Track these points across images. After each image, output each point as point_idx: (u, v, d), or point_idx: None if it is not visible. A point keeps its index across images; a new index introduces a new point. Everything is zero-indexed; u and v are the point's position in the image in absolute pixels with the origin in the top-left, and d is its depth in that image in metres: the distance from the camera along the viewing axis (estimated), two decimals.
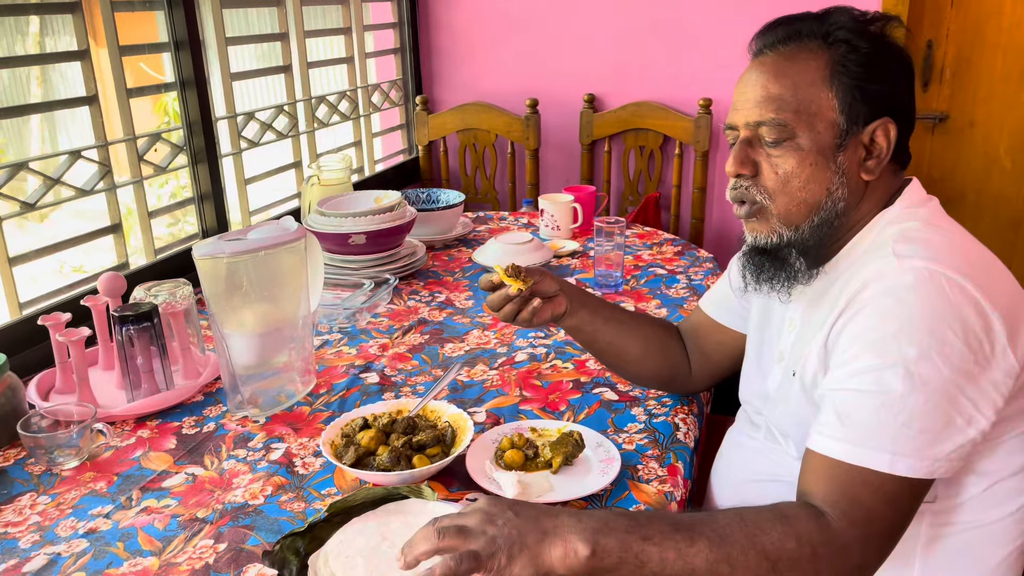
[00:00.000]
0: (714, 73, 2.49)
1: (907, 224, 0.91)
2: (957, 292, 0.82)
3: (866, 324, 0.85)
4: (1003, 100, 2.44)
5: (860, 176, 0.93)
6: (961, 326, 0.81)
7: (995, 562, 0.91)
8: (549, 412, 1.24)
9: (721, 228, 2.64)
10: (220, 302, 1.19)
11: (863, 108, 0.91)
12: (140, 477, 1.11)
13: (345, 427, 1.13)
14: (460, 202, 2.11)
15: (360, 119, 2.60)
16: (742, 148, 0.95)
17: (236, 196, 2.05)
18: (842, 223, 0.95)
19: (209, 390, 1.35)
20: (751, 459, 1.06)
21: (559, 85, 2.68)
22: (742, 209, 0.97)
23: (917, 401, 0.80)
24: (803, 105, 0.91)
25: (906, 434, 0.81)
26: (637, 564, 0.77)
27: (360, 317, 1.61)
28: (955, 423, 0.81)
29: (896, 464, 0.81)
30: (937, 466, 0.81)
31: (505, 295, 1.12)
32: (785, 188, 0.93)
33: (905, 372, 0.81)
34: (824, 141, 0.91)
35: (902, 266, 0.85)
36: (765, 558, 0.78)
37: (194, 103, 1.82)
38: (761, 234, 0.97)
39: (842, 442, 0.83)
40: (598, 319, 1.20)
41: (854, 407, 0.83)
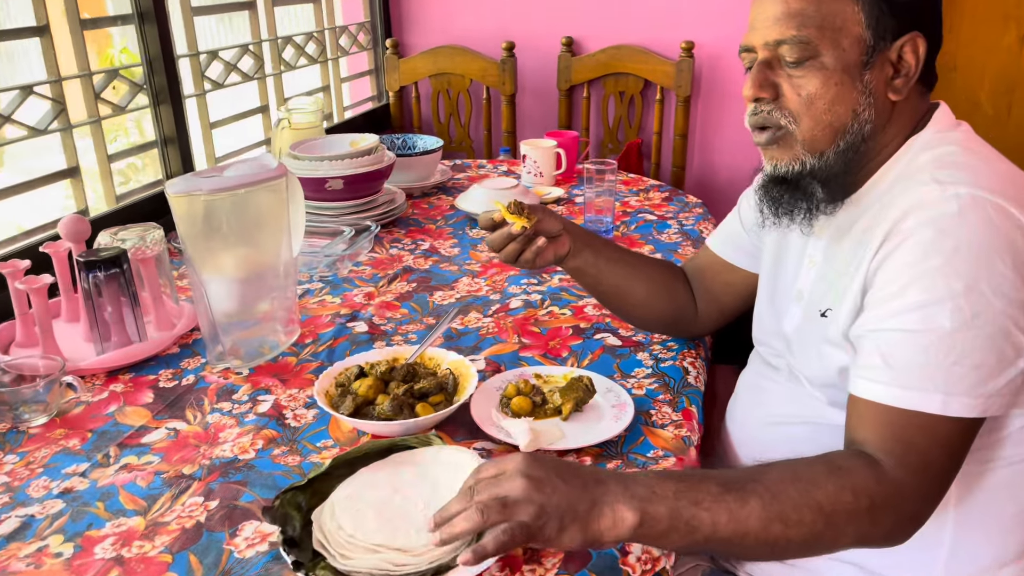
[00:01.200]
0: (697, 15, 2.41)
1: (943, 149, 0.86)
2: (1004, 218, 0.77)
3: (908, 258, 0.80)
4: (985, 44, 2.42)
5: (888, 96, 0.87)
6: (1011, 253, 0.76)
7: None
8: (551, 359, 1.18)
9: (702, 176, 2.59)
10: (198, 244, 1.10)
11: (891, 22, 0.85)
12: (116, 433, 1.02)
13: (339, 376, 1.05)
14: (438, 148, 2.02)
15: (328, 63, 2.47)
16: (761, 70, 0.88)
17: (201, 141, 1.93)
18: (869, 148, 0.89)
19: (185, 342, 1.27)
20: (772, 401, 1.02)
21: (536, 27, 2.58)
22: (763, 136, 0.91)
23: (967, 337, 0.76)
24: (827, 20, 0.84)
25: (958, 372, 0.76)
26: (688, 530, 0.73)
27: (341, 265, 1.52)
28: (1007, 356, 0.77)
29: (950, 404, 0.76)
30: (991, 402, 0.77)
31: (508, 234, 1.05)
32: (809, 110, 0.86)
33: (954, 307, 0.76)
34: (850, 58, 0.85)
35: (945, 193, 0.79)
36: (820, 513, 0.74)
37: (154, 38, 1.69)
38: (782, 162, 0.91)
39: (891, 386, 0.78)
40: (602, 260, 1.13)
41: (901, 348, 0.78)
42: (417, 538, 0.76)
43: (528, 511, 0.70)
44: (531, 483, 0.71)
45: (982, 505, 0.87)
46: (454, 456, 0.86)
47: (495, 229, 1.06)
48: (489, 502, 0.71)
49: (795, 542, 0.75)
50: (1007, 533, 0.89)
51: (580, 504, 0.71)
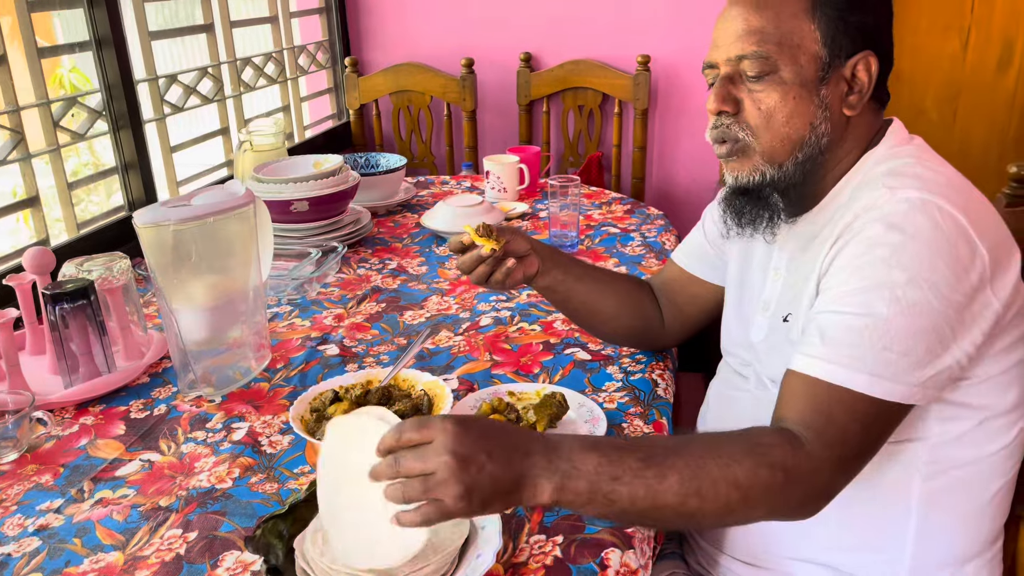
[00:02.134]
0: (652, 29, 2.46)
1: (897, 161, 0.90)
2: (950, 222, 0.82)
3: (856, 250, 0.84)
4: (928, 53, 2.50)
5: (842, 111, 0.92)
6: (951, 255, 0.81)
7: (990, 495, 0.92)
8: (523, 375, 1.20)
9: (661, 187, 2.64)
10: (167, 274, 1.10)
11: (845, 41, 0.89)
12: (89, 467, 1.02)
13: (314, 401, 1.06)
14: (402, 166, 2.03)
15: (287, 83, 2.47)
16: (723, 85, 0.92)
17: (162, 165, 1.92)
18: (826, 160, 0.93)
19: (155, 371, 1.26)
20: (742, 410, 1.05)
21: (494, 44, 2.60)
22: (723, 148, 0.95)
23: (901, 325, 0.80)
24: (785, 37, 0.89)
25: (887, 357, 0.80)
26: (606, 503, 0.75)
27: (309, 287, 1.53)
28: (935, 350, 0.81)
29: (874, 386, 0.80)
30: (914, 391, 0.81)
31: (477, 256, 1.07)
32: (768, 124, 0.91)
33: (891, 296, 0.80)
34: (807, 74, 0.89)
35: (895, 196, 0.84)
36: (737, 488, 0.76)
37: (112, 64, 1.68)
38: (743, 173, 0.95)
39: (822, 360, 0.82)
40: (570, 277, 1.16)
41: (837, 328, 0.82)
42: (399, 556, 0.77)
43: (451, 493, 0.70)
44: (457, 462, 0.70)
45: (944, 504, 0.91)
46: None
47: (464, 251, 1.08)
48: (411, 481, 0.71)
49: (709, 515, 0.78)
50: (969, 529, 0.93)
51: (505, 483, 0.72)
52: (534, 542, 0.85)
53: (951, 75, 2.50)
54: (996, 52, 2.44)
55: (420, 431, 0.72)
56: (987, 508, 0.93)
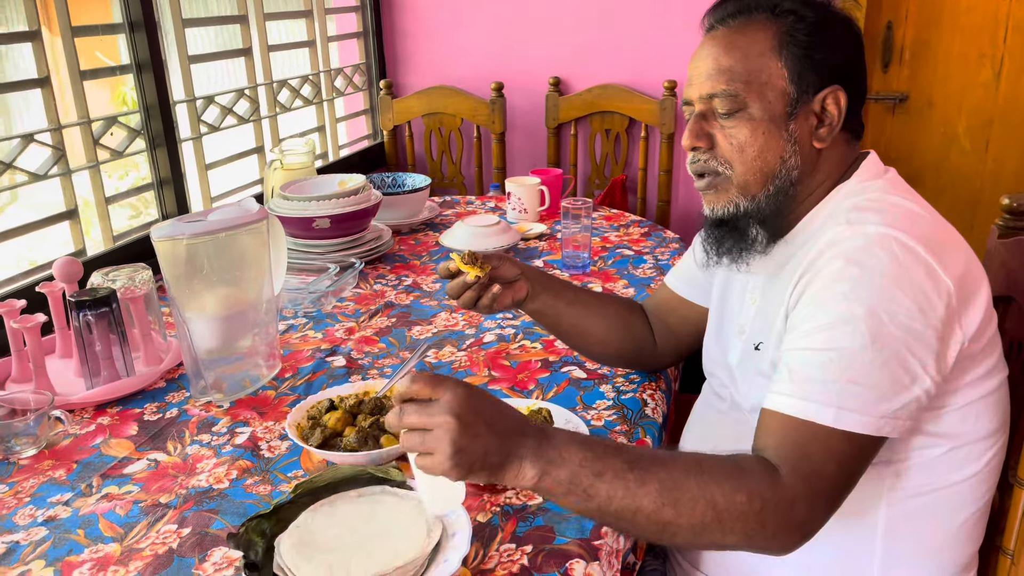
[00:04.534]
0: (679, 55, 2.49)
1: (863, 196, 0.93)
2: (908, 255, 0.83)
3: (818, 287, 0.87)
4: (961, 80, 2.48)
5: (812, 144, 0.95)
6: (911, 286, 0.82)
7: (958, 523, 0.93)
8: (518, 391, 1.23)
9: (687, 209, 2.65)
10: (180, 285, 1.17)
11: (812, 77, 0.92)
12: (100, 464, 1.08)
13: (311, 409, 1.11)
14: (426, 186, 2.09)
15: (323, 104, 2.56)
16: (696, 122, 0.96)
17: (197, 182, 2.01)
18: (797, 192, 0.96)
19: (171, 376, 1.33)
20: (716, 429, 1.07)
21: (524, 68, 2.67)
22: (702, 182, 0.99)
23: (864, 358, 0.81)
24: (753, 75, 0.92)
25: (852, 390, 0.81)
26: (585, 497, 0.79)
27: (325, 301, 1.59)
28: (902, 381, 0.82)
29: (842, 418, 0.81)
30: (883, 423, 0.82)
31: (463, 282, 1.11)
32: (741, 157, 0.94)
33: (854, 329, 0.82)
34: (775, 110, 0.92)
35: (854, 232, 0.87)
36: (712, 508, 0.78)
37: (151, 86, 1.77)
38: (719, 205, 0.98)
39: (790, 397, 0.84)
40: (560, 302, 1.20)
41: (804, 364, 0.84)
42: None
43: (444, 451, 0.75)
44: (459, 425, 0.75)
45: (911, 531, 0.92)
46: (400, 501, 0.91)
47: (452, 278, 1.12)
48: (411, 433, 0.78)
49: (684, 529, 0.80)
50: (937, 557, 0.93)
51: (495, 456, 0.77)
52: (504, 550, 0.89)
53: (984, 104, 2.47)
54: None
55: (431, 387, 0.78)
56: (957, 535, 0.93)
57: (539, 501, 0.96)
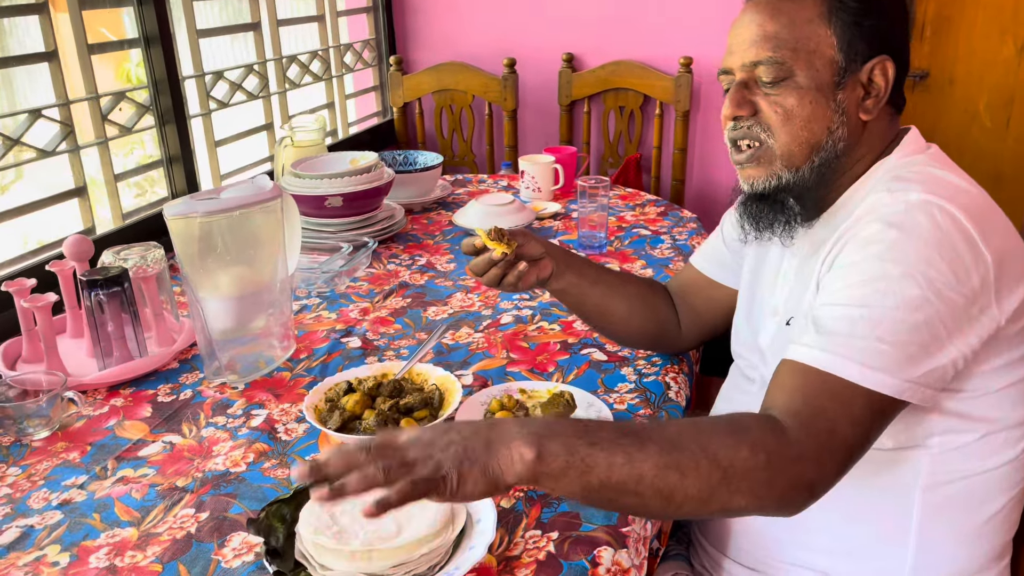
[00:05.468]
0: (694, 31, 2.44)
1: (904, 171, 0.89)
2: (950, 221, 0.80)
3: (852, 249, 0.84)
4: (983, 57, 2.43)
5: (859, 116, 0.91)
6: (951, 253, 0.79)
7: (993, 510, 0.90)
8: (537, 374, 1.21)
9: (702, 189, 2.62)
10: (194, 264, 1.15)
11: (861, 45, 0.89)
12: (115, 447, 1.06)
13: (329, 391, 1.09)
14: (438, 164, 2.06)
15: (333, 80, 2.52)
16: (738, 90, 0.92)
17: (206, 159, 1.98)
18: (841, 165, 0.93)
19: (184, 357, 1.31)
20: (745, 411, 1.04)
21: (537, 44, 2.62)
22: (742, 155, 0.95)
23: (895, 317, 0.79)
24: (801, 42, 0.89)
25: (880, 348, 0.78)
26: (584, 468, 0.72)
27: (339, 281, 1.56)
28: (930, 347, 0.79)
29: (866, 376, 0.78)
30: (907, 387, 0.79)
31: (489, 259, 1.08)
32: (786, 125, 0.90)
33: (887, 288, 0.79)
34: (823, 79, 0.89)
35: (895, 198, 0.84)
36: (716, 466, 0.74)
37: (159, 61, 1.74)
38: (759, 179, 0.94)
39: (814, 349, 0.81)
40: (585, 281, 1.17)
41: (832, 319, 0.82)
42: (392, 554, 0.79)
43: (427, 466, 0.69)
44: (428, 443, 0.70)
45: (945, 516, 0.89)
46: None
47: (477, 254, 1.09)
48: (388, 463, 0.69)
49: (690, 495, 0.74)
50: (972, 543, 0.91)
51: (475, 444, 0.71)
52: (529, 537, 0.87)
53: (1005, 80, 2.43)
54: None
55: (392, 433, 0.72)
56: (991, 523, 0.91)
57: None
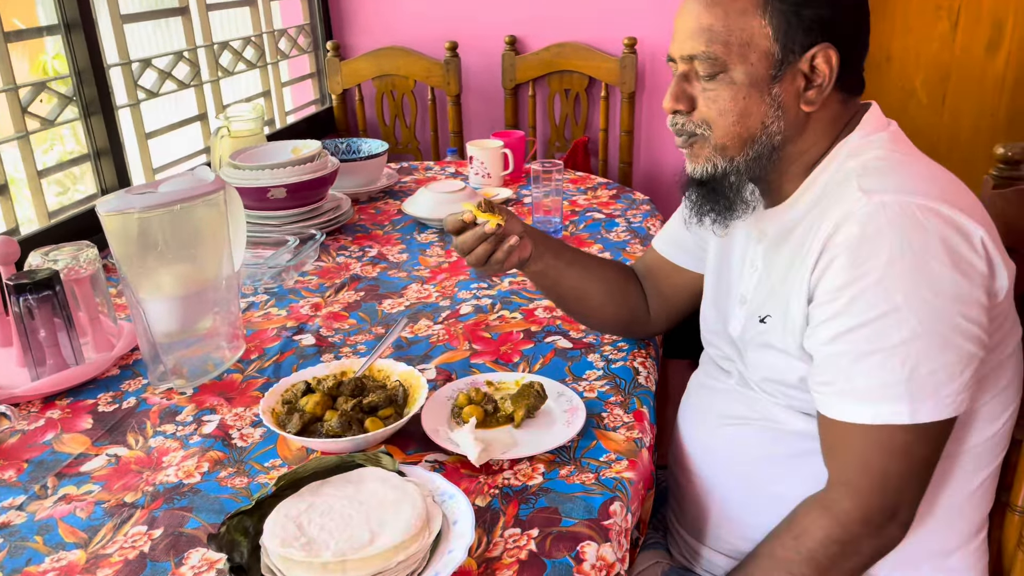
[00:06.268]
0: (638, 12, 2.42)
1: (869, 155, 0.87)
2: (932, 217, 0.79)
3: (847, 275, 0.81)
4: (919, 34, 2.47)
5: (800, 107, 0.88)
6: (944, 251, 0.78)
7: (973, 487, 0.91)
8: (502, 364, 1.17)
9: (649, 170, 2.61)
10: (132, 264, 1.07)
11: (799, 35, 0.85)
12: (54, 463, 0.99)
13: (285, 393, 1.03)
14: (383, 151, 1.99)
15: (268, 67, 2.43)
16: (678, 83, 0.91)
17: (137, 152, 1.88)
18: (785, 155, 0.90)
19: (125, 363, 1.23)
20: (722, 403, 1.02)
21: (478, 27, 2.56)
22: (680, 140, 0.94)
23: (920, 345, 0.78)
24: (734, 35, 0.85)
25: (918, 379, 0.78)
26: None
27: (287, 276, 1.50)
28: (965, 350, 0.79)
29: (918, 412, 0.78)
30: (960, 399, 0.79)
31: (480, 234, 1.03)
32: (720, 121, 0.89)
33: (898, 320, 0.78)
34: (758, 72, 0.86)
35: (871, 203, 0.81)
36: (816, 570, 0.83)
37: (82, 48, 1.63)
38: (698, 164, 0.93)
39: (857, 404, 0.81)
40: (561, 262, 1.13)
41: (858, 366, 0.80)
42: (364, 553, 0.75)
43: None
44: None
45: (928, 496, 0.89)
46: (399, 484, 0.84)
47: (462, 231, 1.04)
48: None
49: None
50: (954, 520, 0.91)
51: None
52: (509, 536, 0.83)
53: (940, 56, 2.47)
54: (986, 34, 2.41)
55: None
56: (972, 499, 0.91)
57: (539, 481, 0.91)
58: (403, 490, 0.83)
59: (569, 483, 0.90)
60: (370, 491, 0.83)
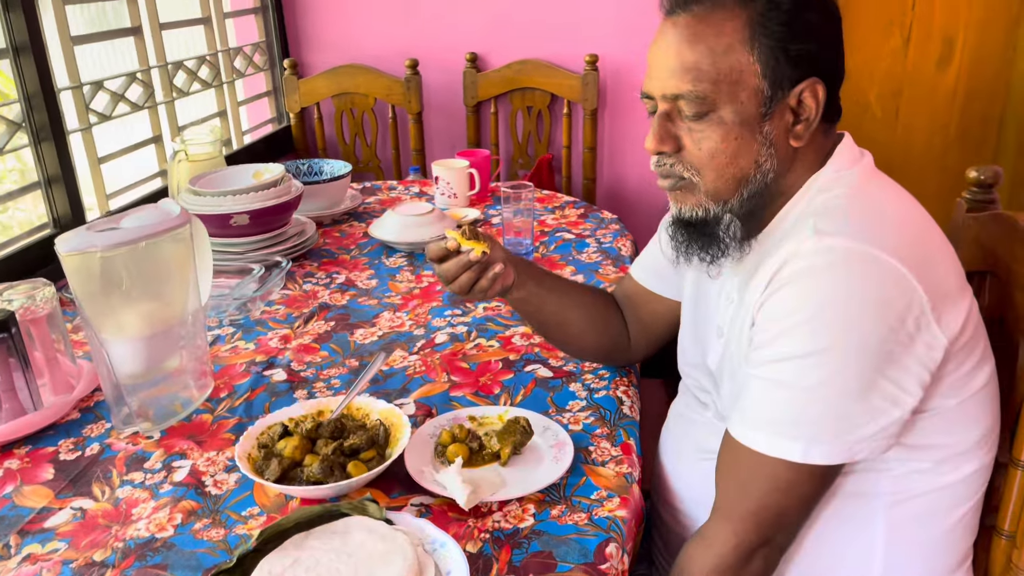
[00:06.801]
0: (599, 29, 2.42)
1: (836, 192, 0.85)
2: (876, 268, 0.77)
3: (782, 308, 0.81)
4: (872, 49, 2.52)
5: (789, 143, 0.86)
6: (880, 306, 0.77)
7: (956, 519, 0.90)
8: (483, 396, 1.15)
9: (612, 187, 2.61)
10: (95, 304, 1.02)
11: (788, 71, 0.83)
12: (16, 518, 0.93)
13: (261, 436, 0.99)
14: (347, 173, 1.95)
15: (223, 87, 2.37)
16: (661, 123, 0.86)
17: (89, 178, 1.81)
18: (773, 191, 0.88)
19: (86, 404, 1.17)
20: (702, 436, 1.01)
21: (439, 44, 2.54)
22: (667, 183, 0.90)
23: (831, 391, 0.78)
24: (722, 74, 0.82)
25: (821, 423, 0.79)
26: None
27: (253, 307, 1.45)
28: (877, 406, 0.78)
29: (810, 453, 0.79)
30: (858, 448, 0.79)
31: (465, 262, 1.01)
32: (711, 163, 0.85)
33: (816, 363, 0.78)
34: (748, 111, 0.83)
35: (820, 245, 0.80)
36: None
37: (31, 71, 1.56)
38: (687, 206, 0.90)
39: (756, 431, 0.82)
40: (543, 289, 1.11)
41: (769, 396, 0.81)
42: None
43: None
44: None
45: (910, 531, 0.89)
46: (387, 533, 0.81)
47: (444, 259, 1.02)
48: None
49: None
50: (938, 553, 0.91)
51: None
52: None
53: (893, 71, 2.53)
54: (937, 49, 2.47)
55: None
56: (955, 531, 0.91)
57: (531, 523, 0.88)
58: (392, 540, 0.80)
59: (561, 524, 0.88)
60: (358, 542, 0.80)
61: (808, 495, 0.83)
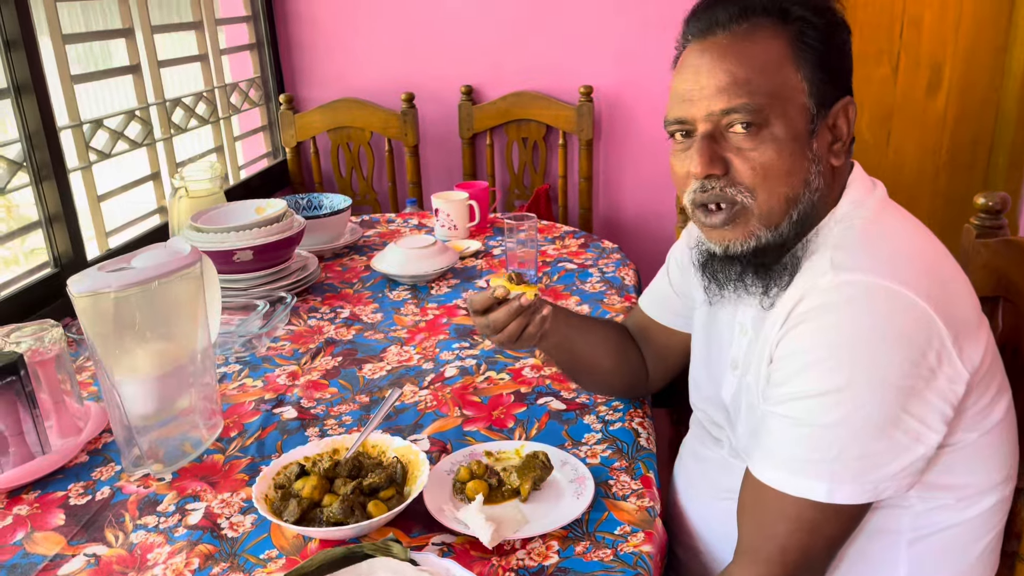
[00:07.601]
0: (594, 60, 2.45)
1: (853, 221, 0.85)
2: (895, 303, 0.76)
3: (799, 345, 0.80)
4: (862, 76, 2.55)
5: (830, 162, 0.85)
6: (900, 341, 0.76)
7: (978, 551, 0.89)
8: (496, 430, 1.14)
9: (609, 216, 2.62)
10: (108, 345, 1.01)
11: (828, 89, 0.83)
12: (29, 566, 0.91)
13: (277, 476, 0.98)
14: (347, 206, 1.95)
15: (220, 122, 2.37)
16: (707, 144, 0.83)
17: (89, 216, 1.80)
18: (815, 215, 0.86)
19: (94, 447, 1.15)
20: (717, 475, 1.00)
21: (434, 77, 2.56)
22: (716, 216, 0.85)
23: (853, 429, 0.77)
24: (775, 89, 0.81)
25: (844, 462, 0.78)
26: None
27: (259, 343, 1.44)
28: (900, 443, 0.77)
29: (835, 493, 0.78)
30: (884, 487, 0.79)
31: (516, 309, 1.01)
32: (765, 182, 0.82)
33: (838, 400, 0.77)
34: (798, 128, 0.82)
35: (837, 280, 0.79)
36: None
37: (33, 111, 1.56)
38: (736, 241, 0.86)
39: (778, 471, 0.81)
40: (573, 331, 1.11)
41: (790, 434, 0.80)
42: None
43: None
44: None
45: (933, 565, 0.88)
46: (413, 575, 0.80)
47: (488, 310, 1.01)
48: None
49: None
50: None
51: None
52: None
53: (883, 98, 2.56)
54: (925, 76, 2.51)
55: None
56: (977, 562, 0.90)
57: (555, 560, 0.87)
58: None
59: (587, 560, 0.87)
60: None
61: (835, 535, 0.82)
